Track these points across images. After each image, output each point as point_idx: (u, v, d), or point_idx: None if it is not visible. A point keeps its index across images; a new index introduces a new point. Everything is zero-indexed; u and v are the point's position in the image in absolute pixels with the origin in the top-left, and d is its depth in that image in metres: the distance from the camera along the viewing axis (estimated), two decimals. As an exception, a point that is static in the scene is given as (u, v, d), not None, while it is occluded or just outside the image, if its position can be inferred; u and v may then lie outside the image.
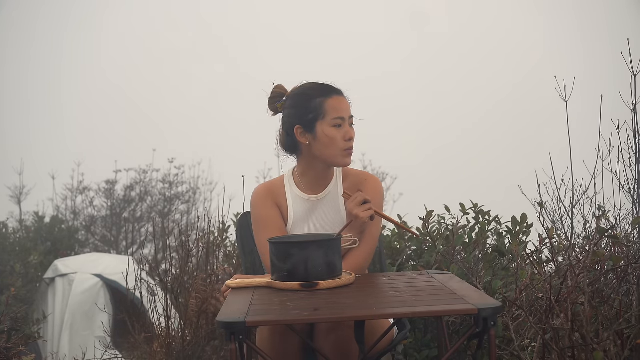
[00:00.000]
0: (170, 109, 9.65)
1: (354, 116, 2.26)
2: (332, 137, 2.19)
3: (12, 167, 7.97)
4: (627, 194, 3.41)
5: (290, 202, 2.30)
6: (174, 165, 8.57)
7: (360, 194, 2.15)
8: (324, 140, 2.20)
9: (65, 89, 9.41)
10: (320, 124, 2.20)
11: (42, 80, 9.32)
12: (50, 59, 9.44)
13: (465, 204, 2.95)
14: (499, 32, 9.14)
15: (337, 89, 2.26)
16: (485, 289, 2.60)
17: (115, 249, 7.97)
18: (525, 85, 8.57)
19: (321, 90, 2.24)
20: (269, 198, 2.29)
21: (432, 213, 2.96)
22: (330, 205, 2.29)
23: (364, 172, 2.37)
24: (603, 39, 7.45)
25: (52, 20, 9.29)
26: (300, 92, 2.27)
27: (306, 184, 2.31)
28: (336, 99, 2.22)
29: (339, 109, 2.21)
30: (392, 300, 1.84)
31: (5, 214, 7.65)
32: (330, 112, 2.20)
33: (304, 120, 2.22)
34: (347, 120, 2.22)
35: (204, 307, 3.30)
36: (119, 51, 9.73)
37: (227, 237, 4.04)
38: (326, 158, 2.23)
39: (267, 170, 7.39)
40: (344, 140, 2.20)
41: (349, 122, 2.23)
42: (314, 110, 2.20)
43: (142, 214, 8.25)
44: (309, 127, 2.22)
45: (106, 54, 9.73)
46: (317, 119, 2.20)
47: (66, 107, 9.50)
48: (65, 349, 4.91)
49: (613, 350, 1.90)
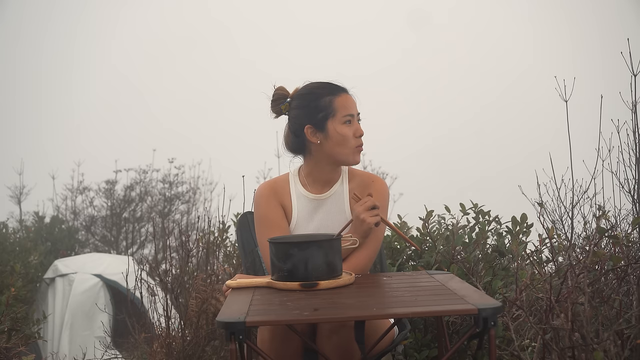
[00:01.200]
0: (171, 108, 9.65)
1: (360, 113, 2.28)
2: (344, 134, 2.20)
3: (12, 167, 7.98)
4: (627, 194, 3.41)
5: (295, 200, 2.29)
6: (174, 165, 8.58)
7: (371, 199, 2.15)
8: (336, 138, 2.21)
9: (65, 89, 9.41)
10: (332, 122, 2.20)
11: (42, 80, 9.33)
12: (50, 59, 9.44)
13: (465, 204, 2.95)
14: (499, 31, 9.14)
15: (342, 87, 2.27)
16: (485, 289, 2.60)
17: (115, 249, 7.97)
18: (525, 85, 8.57)
19: (329, 88, 2.24)
20: (273, 197, 2.28)
21: (432, 213, 2.96)
22: (335, 205, 2.29)
23: (370, 174, 2.37)
24: (603, 39, 7.45)
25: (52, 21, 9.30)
26: (306, 91, 2.27)
27: (312, 183, 2.30)
28: (344, 97, 2.24)
29: (347, 106, 2.23)
30: (392, 300, 1.84)
31: (5, 214, 7.66)
32: (340, 110, 2.21)
33: (314, 119, 2.22)
34: (355, 117, 2.24)
35: (204, 307, 3.30)
36: (118, 51, 9.73)
37: (227, 237, 4.04)
38: (338, 156, 2.23)
39: (267, 170, 7.39)
40: (355, 137, 2.22)
41: (357, 119, 2.25)
42: (324, 109, 2.21)
43: (142, 214, 8.25)
44: (320, 126, 2.21)
45: (106, 54, 9.74)
46: (327, 117, 2.20)
47: (66, 107, 9.50)
48: (65, 349, 4.91)
49: (613, 350, 1.90)
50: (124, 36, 9.58)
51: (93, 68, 9.58)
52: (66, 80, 9.35)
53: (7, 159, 8.07)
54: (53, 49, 9.40)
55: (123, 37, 9.60)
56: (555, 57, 8.45)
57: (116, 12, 9.51)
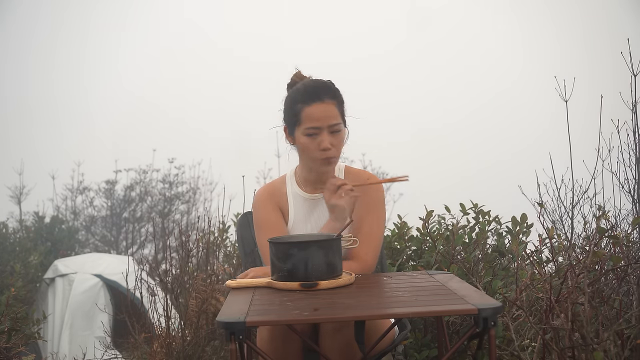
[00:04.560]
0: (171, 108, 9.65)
1: (341, 122, 2.17)
2: (305, 145, 2.17)
3: (12, 167, 7.98)
4: (627, 194, 3.41)
5: (291, 201, 2.30)
6: (174, 165, 8.58)
7: (331, 181, 2.12)
8: (299, 146, 2.20)
9: (65, 89, 9.41)
10: (298, 130, 2.18)
11: (42, 80, 9.33)
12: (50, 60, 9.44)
13: (465, 204, 2.95)
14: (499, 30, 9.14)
15: (321, 95, 2.16)
16: (485, 289, 2.60)
17: (115, 249, 7.97)
18: (525, 85, 8.57)
19: (304, 95, 2.17)
20: (271, 201, 2.29)
21: (432, 213, 2.96)
22: None
23: (365, 171, 2.37)
24: (603, 39, 7.45)
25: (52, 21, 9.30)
26: (290, 92, 2.25)
27: (305, 183, 2.31)
28: (316, 107, 2.14)
29: (314, 118, 2.14)
30: (392, 300, 1.84)
31: (5, 214, 7.66)
32: (305, 121, 2.15)
33: (288, 122, 2.23)
34: (324, 129, 2.14)
35: (204, 307, 3.30)
36: (118, 52, 9.73)
37: (227, 237, 4.04)
38: (305, 162, 2.23)
39: (267, 170, 7.39)
40: (319, 150, 2.15)
41: (330, 130, 2.15)
42: (294, 116, 2.18)
43: (142, 214, 8.25)
44: (291, 131, 2.21)
45: (106, 55, 9.74)
46: (295, 124, 2.18)
47: (66, 107, 9.50)
48: (65, 349, 4.91)
49: (613, 350, 1.90)
50: (124, 36, 9.59)
51: (93, 68, 9.58)
52: (66, 80, 9.35)
53: (7, 159, 8.07)
54: (54, 50, 9.40)
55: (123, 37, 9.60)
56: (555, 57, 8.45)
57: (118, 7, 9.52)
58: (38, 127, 9.15)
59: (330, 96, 2.17)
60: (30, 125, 9.10)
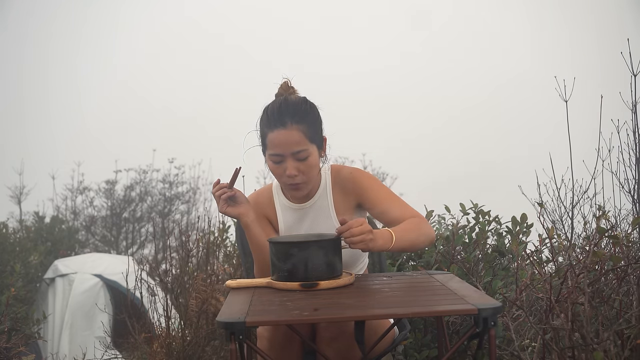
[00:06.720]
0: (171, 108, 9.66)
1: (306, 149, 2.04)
2: (272, 170, 2.12)
3: (12, 167, 7.98)
4: (627, 194, 3.41)
5: (280, 212, 2.24)
6: (174, 165, 8.59)
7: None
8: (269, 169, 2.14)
9: (65, 89, 9.41)
10: (266, 154, 2.12)
11: (42, 80, 9.33)
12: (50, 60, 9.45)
13: (465, 204, 2.94)
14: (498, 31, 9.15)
15: (284, 120, 2.03)
16: (485, 289, 2.60)
17: (115, 249, 7.98)
18: (525, 85, 8.57)
19: (269, 119, 2.07)
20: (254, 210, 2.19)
21: (432, 213, 2.96)
22: (320, 212, 2.21)
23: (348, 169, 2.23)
24: (603, 39, 7.46)
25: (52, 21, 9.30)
26: (262, 113, 2.14)
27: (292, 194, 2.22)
28: (277, 134, 2.03)
29: (277, 145, 2.04)
30: (392, 300, 1.84)
31: (5, 214, 7.67)
32: (270, 147, 2.07)
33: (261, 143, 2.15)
34: (288, 157, 2.04)
35: (204, 307, 3.30)
36: (118, 52, 9.74)
37: (227, 237, 4.04)
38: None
39: (267, 170, 7.38)
40: (285, 176, 2.07)
41: (295, 157, 2.04)
42: (262, 138, 2.12)
43: (142, 214, 8.26)
44: (263, 152, 2.15)
45: (106, 55, 9.74)
46: (264, 147, 2.13)
47: (66, 107, 9.51)
48: (65, 349, 4.91)
49: (613, 350, 1.90)
50: (124, 37, 9.59)
51: (94, 68, 9.59)
52: (66, 80, 9.36)
53: (7, 159, 8.08)
54: (54, 50, 9.41)
55: (123, 37, 9.61)
56: (555, 57, 8.46)
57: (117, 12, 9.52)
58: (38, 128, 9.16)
59: (295, 120, 2.04)
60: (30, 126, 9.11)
